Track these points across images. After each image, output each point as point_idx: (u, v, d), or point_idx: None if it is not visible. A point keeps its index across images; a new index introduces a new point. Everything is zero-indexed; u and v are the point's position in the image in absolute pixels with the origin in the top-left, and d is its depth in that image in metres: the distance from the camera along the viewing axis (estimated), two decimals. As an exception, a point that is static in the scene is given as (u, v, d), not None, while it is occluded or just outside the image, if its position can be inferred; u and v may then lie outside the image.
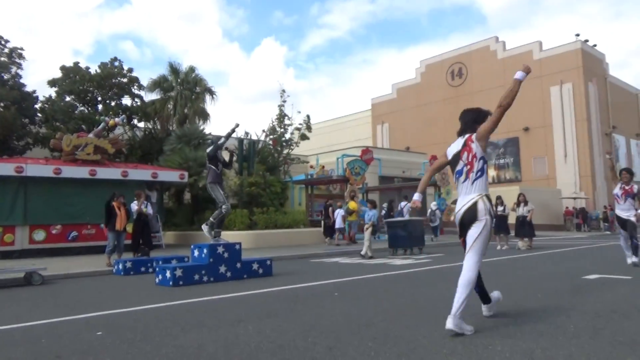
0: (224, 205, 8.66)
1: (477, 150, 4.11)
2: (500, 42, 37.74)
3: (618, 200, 8.68)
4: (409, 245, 13.63)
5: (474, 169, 4.12)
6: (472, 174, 4.13)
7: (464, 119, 4.42)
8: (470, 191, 4.13)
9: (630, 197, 8.53)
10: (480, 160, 4.11)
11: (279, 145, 22.63)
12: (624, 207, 8.61)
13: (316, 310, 5.11)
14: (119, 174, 15.69)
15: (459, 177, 4.25)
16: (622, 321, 4.20)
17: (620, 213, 8.67)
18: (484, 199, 4.08)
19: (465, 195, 4.17)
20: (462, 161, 4.19)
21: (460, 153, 4.22)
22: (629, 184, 8.62)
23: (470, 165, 4.14)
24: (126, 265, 9.66)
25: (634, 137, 38.91)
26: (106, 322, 4.84)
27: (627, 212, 8.60)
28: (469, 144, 4.18)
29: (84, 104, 22.84)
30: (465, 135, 4.26)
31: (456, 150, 4.26)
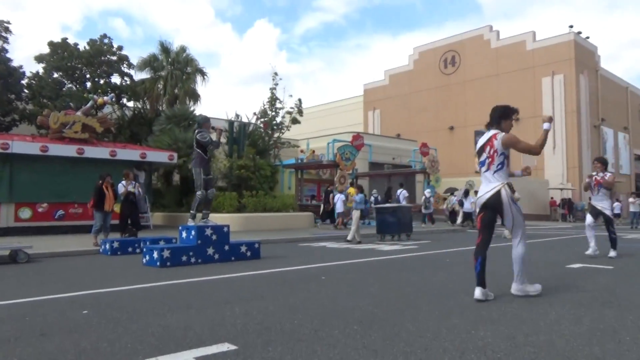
0: (198, 191, 8.74)
1: (499, 146, 4.64)
2: (494, 31, 37.66)
3: (592, 191, 8.66)
4: (397, 231, 13.74)
5: (494, 162, 4.67)
6: (492, 166, 4.68)
7: (493, 114, 4.83)
8: (492, 180, 4.70)
9: (602, 187, 8.48)
10: (501, 155, 4.65)
11: (269, 128, 22.50)
12: (597, 197, 8.59)
13: (303, 294, 5.15)
14: (107, 154, 15.52)
15: (482, 167, 4.80)
16: (602, 309, 4.29)
17: (595, 203, 8.65)
18: (505, 187, 4.68)
19: (488, 183, 4.74)
20: (485, 154, 4.74)
21: (484, 146, 4.75)
22: (601, 174, 8.56)
23: (492, 158, 4.67)
24: (113, 245, 9.62)
25: (622, 130, 39.32)
26: (92, 301, 4.83)
27: (601, 203, 8.58)
28: (492, 140, 4.69)
29: (72, 81, 22.47)
30: (491, 132, 4.75)
31: (482, 143, 4.81)
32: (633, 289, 5.40)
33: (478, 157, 4.84)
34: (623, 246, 11.41)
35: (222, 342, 3.29)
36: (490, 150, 4.69)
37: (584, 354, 3.00)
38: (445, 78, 39.65)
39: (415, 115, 40.74)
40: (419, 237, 14.73)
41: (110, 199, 10.64)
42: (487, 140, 4.74)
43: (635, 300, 4.70)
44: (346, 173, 20.09)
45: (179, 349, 3.14)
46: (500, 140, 4.64)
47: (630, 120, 40.58)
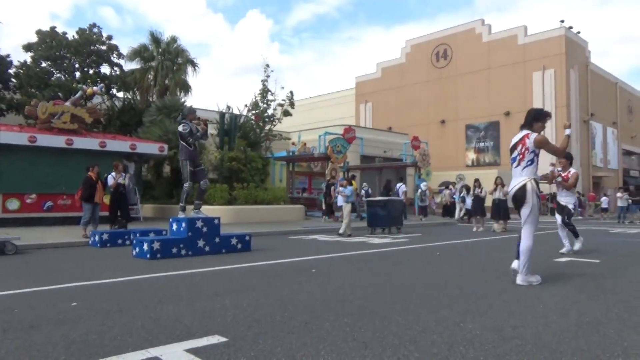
0: (185, 183, 8.75)
1: (530, 145, 5.13)
2: (486, 25, 37.71)
3: (558, 187, 8.57)
4: (387, 224, 13.80)
5: (524, 159, 5.17)
6: (522, 162, 5.17)
7: (527, 116, 5.38)
8: (521, 175, 5.19)
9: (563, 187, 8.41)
10: (532, 153, 5.15)
11: (261, 120, 22.42)
12: (562, 193, 8.50)
13: (293, 286, 5.16)
14: (96, 144, 15.38)
15: (513, 163, 5.31)
16: (588, 302, 4.36)
17: (560, 199, 8.56)
18: (532, 182, 5.13)
19: (517, 177, 5.24)
20: (517, 151, 5.24)
21: (517, 144, 5.26)
22: (566, 171, 8.46)
23: (522, 155, 5.18)
24: (103, 237, 9.56)
25: (611, 125, 39.70)
26: (81, 293, 4.81)
27: (565, 198, 8.49)
28: (524, 139, 5.19)
29: (61, 70, 22.15)
30: (523, 132, 5.26)
31: (514, 141, 5.34)
32: (618, 282, 5.49)
33: (510, 154, 5.40)
34: (609, 240, 11.57)
35: (212, 334, 3.30)
36: (521, 148, 5.19)
37: (570, 347, 3.05)
38: (437, 71, 39.70)
39: (406, 108, 40.79)
40: (409, 230, 14.82)
41: (99, 190, 10.56)
42: (520, 139, 5.24)
43: (620, 294, 4.78)
44: (337, 166, 20.10)
45: (169, 341, 3.14)
46: (532, 140, 5.12)
47: (619, 115, 40.97)
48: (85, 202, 10.53)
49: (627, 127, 42.38)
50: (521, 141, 5.22)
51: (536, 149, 5.15)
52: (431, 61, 40.30)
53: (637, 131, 43.95)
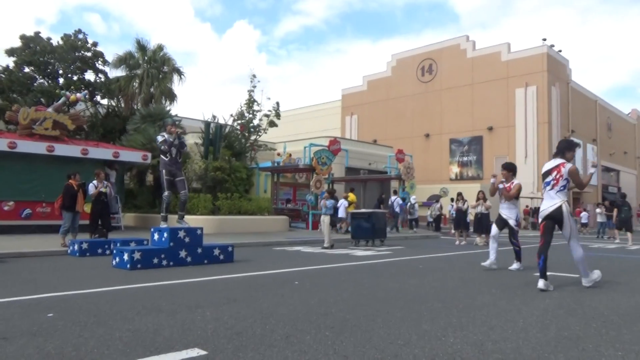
0: (164, 193, 8.73)
1: (565, 173, 5.95)
2: (470, 41, 38.40)
3: (500, 199, 8.23)
4: (371, 236, 13.82)
5: (558, 184, 5.98)
6: (556, 187, 5.99)
7: (559, 146, 6.25)
8: (555, 197, 5.98)
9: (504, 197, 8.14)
10: (565, 180, 5.96)
11: (246, 130, 22.38)
12: (504, 205, 8.17)
13: (275, 298, 5.12)
14: (78, 152, 15.16)
15: (547, 186, 6.10)
16: (567, 317, 4.41)
17: (502, 212, 8.19)
18: (565, 204, 5.97)
19: (551, 199, 6.03)
20: (552, 176, 6.06)
21: (552, 170, 6.09)
22: (508, 182, 8.18)
23: (557, 181, 5.99)
24: (82, 246, 9.39)
25: (591, 141, 40.54)
26: (58, 304, 4.70)
27: (507, 212, 8.13)
28: (560, 167, 6.01)
29: (44, 76, 21.86)
30: (558, 160, 6.08)
31: (549, 167, 6.13)
32: (597, 297, 5.56)
33: (544, 179, 6.18)
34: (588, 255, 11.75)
35: (192, 347, 3.25)
36: (556, 175, 6.00)
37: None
38: (422, 86, 40.20)
39: (392, 121, 41.16)
40: (392, 242, 14.85)
41: (80, 198, 10.39)
42: (555, 166, 6.05)
43: (599, 308, 4.84)
44: (322, 177, 20.13)
45: (148, 354, 3.08)
46: (567, 169, 5.97)
47: (598, 132, 41.89)
48: (65, 210, 10.35)
49: (607, 143, 43.33)
50: (557, 168, 6.04)
51: (569, 176, 5.95)
52: (416, 75, 40.81)
53: (616, 148, 44.95)
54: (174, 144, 8.62)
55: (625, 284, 6.77)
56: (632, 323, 4.23)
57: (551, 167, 6.07)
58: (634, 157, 49.76)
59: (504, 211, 8.18)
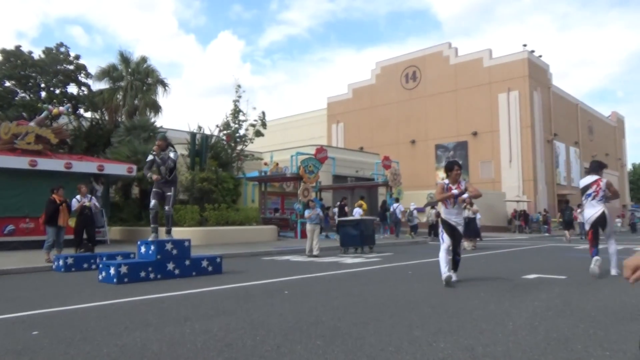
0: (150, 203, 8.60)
1: (603, 187, 7.45)
2: (452, 48, 38.89)
3: (446, 205, 6.90)
4: (360, 244, 13.81)
5: (599, 195, 7.47)
6: (597, 197, 7.48)
7: (592, 166, 7.78)
8: (597, 205, 7.48)
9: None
10: (603, 191, 7.45)
11: (232, 141, 22.30)
12: (452, 211, 6.92)
13: (265, 309, 5.09)
14: (61, 166, 14.95)
15: (588, 197, 7.53)
16: (555, 319, 4.44)
17: (449, 218, 6.89)
18: (606, 209, 7.46)
19: (593, 207, 7.51)
20: (592, 189, 7.50)
21: (591, 184, 7.53)
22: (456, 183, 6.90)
23: (597, 193, 7.47)
24: (67, 261, 9.23)
25: (573, 144, 41.18)
26: (43, 321, 4.61)
27: (455, 218, 6.92)
28: (598, 182, 7.49)
29: (26, 90, 21.63)
30: (595, 177, 7.55)
31: (588, 182, 7.57)
32: (585, 298, 5.62)
33: (583, 192, 7.61)
34: (575, 256, 11.89)
35: (181, 361, 3.20)
36: (596, 188, 7.46)
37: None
38: (407, 93, 40.54)
39: (378, 128, 41.39)
40: (381, 249, 14.86)
41: (63, 213, 10.23)
42: (593, 181, 7.51)
43: (587, 309, 4.89)
44: (310, 186, 20.12)
45: (136, 370, 3.03)
46: (605, 184, 7.46)
47: (580, 135, 42.59)
48: (48, 225, 10.18)
49: (588, 146, 44.05)
50: (595, 182, 7.49)
51: (606, 188, 7.42)
52: (401, 82, 41.16)
53: (597, 150, 45.70)
54: (156, 162, 8.44)
55: (611, 284, 6.85)
56: (619, 323, 4.28)
57: (590, 182, 7.53)
58: (615, 159, 50.63)
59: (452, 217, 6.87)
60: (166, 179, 8.52)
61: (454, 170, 6.93)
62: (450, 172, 6.95)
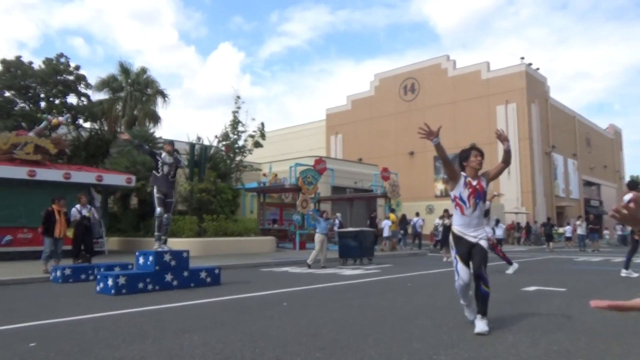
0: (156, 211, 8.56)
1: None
2: (450, 60, 39.15)
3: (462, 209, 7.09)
4: (358, 255, 13.77)
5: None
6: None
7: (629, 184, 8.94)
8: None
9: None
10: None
11: (231, 151, 22.31)
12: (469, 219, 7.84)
13: (264, 321, 5.05)
14: (60, 176, 14.92)
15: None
16: (556, 331, 4.42)
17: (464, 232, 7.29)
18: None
19: None
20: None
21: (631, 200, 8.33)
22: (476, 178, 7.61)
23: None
24: (65, 272, 9.17)
25: (571, 156, 41.29)
26: (41, 333, 4.57)
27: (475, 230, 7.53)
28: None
29: (25, 100, 21.65)
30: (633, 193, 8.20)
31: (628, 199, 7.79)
32: (585, 310, 5.60)
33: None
34: (575, 268, 11.86)
35: (179, 373, 3.17)
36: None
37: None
38: (405, 104, 40.72)
39: (376, 140, 41.49)
40: (381, 260, 14.82)
41: (61, 224, 10.19)
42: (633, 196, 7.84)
43: (588, 322, 4.87)
44: (308, 197, 20.11)
45: (134, 383, 3.00)
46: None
47: (578, 147, 42.72)
48: (45, 235, 10.14)
49: (586, 158, 44.16)
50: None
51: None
52: (399, 94, 41.36)
53: (595, 163, 45.85)
54: (166, 162, 8.57)
55: (611, 296, 6.82)
56: (620, 336, 4.26)
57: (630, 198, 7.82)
58: (613, 171, 50.77)
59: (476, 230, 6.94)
60: (169, 180, 8.63)
61: (471, 157, 4.91)
62: (467, 162, 4.94)
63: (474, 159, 4.88)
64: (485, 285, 4.45)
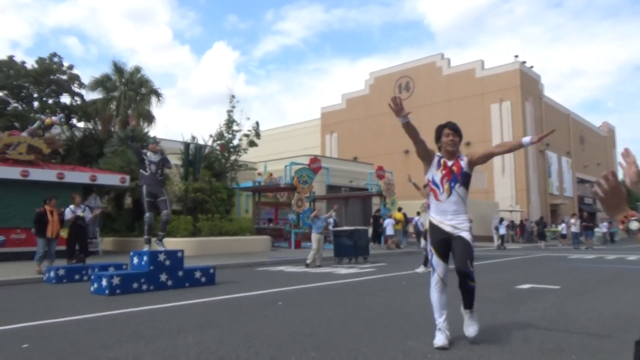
0: (145, 215, 8.55)
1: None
2: (445, 59, 39.23)
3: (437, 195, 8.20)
4: (354, 254, 13.79)
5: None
6: None
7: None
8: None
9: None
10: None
11: (226, 151, 22.28)
12: (445, 206, 8.56)
13: (259, 320, 5.05)
14: (54, 176, 14.84)
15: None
16: (550, 329, 4.45)
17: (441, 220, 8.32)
18: None
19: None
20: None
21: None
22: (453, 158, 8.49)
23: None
24: (58, 273, 9.13)
25: (565, 154, 41.50)
26: (34, 334, 4.55)
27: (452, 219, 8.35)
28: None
29: (18, 100, 21.51)
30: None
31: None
32: (578, 307, 5.63)
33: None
34: (568, 266, 11.93)
35: (174, 374, 3.16)
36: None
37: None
38: (400, 103, 40.76)
39: (371, 138, 41.53)
40: (375, 259, 14.84)
41: (54, 224, 10.13)
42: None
43: (580, 319, 4.90)
44: (303, 196, 20.11)
45: (128, 383, 2.99)
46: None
47: (572, 145, 42.94)
48: (38, 236, 10.09)
49: (580, 156, 44.40)
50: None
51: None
52: (394, 93, 41.37)
53: (589, 160, 46.09)
54: (153, 161, 8.51)
55: (604, 293, 6.88)
56: (612, 333, 4.29)
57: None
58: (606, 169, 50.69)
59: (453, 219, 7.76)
60: (157, 179, 8.56)
61: (443, 137, 4.35)
62: (439, 142, 4.39)
63: (445, 139, 4.22)
64: (472, 280, 3.94)
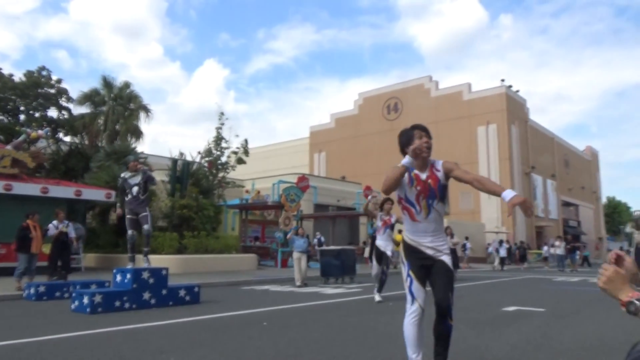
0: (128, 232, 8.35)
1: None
2: (433, 81, 39.84)
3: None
4: (340, 274, 13.72)
5: None
6: None
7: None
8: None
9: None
10: None
11: (214, 168, 22.20)
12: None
13: (243, 341, 4.97)
14: (37, 190, 14.62)
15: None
16: (535, 352, 4.44)
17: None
18: None
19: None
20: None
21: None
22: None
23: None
24: (39, 290, 8.92)
25: (550, 177, 42.07)
26: (12, 353, 4.42)
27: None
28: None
29: (4, 113, 21.32)
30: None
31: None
32: (564, 331, 5.65)
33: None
34: (553, 289, 11.99)
35: (154, 396, 3.09)
36: None
37: (520, 399, 3.06)
38: (389, 123, 41.15)
39: (359, 158, 41.73)
40: (363, 279, 14.76)
41: (37, 239, 9.94)
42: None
43: (565, 343, 4.91)
44: (291, 214, 20.05)
45: (107, 406, 2.91)
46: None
47: (557, 168, 43.58)
48: (19, 251, 9.88)
49: (565, 179, 45.03)
50: None
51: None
52: (382, 113, 41.82)
53: (573, 184, 46.73)
54: (134, 183, 8.28)
55: (589, 316, 6.91)
56: (597, 356, 4.30)
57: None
58: (590, 192, 51.78)
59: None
60: (139, 199, 8.28)
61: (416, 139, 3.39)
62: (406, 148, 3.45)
63: (419, 142, 3.33)
64: (450, 318, 3.44)
